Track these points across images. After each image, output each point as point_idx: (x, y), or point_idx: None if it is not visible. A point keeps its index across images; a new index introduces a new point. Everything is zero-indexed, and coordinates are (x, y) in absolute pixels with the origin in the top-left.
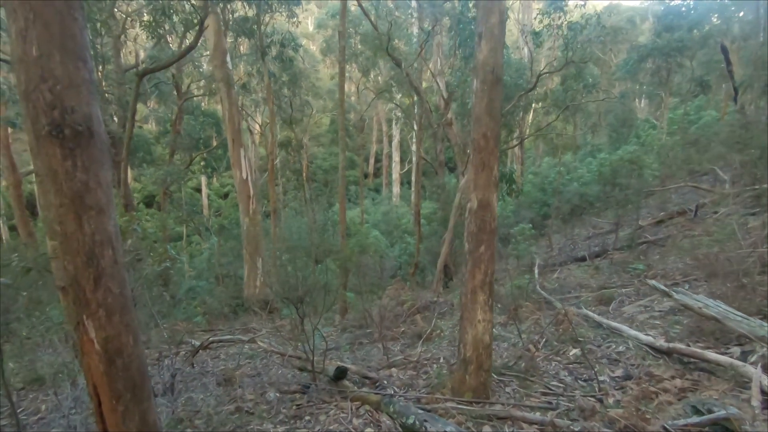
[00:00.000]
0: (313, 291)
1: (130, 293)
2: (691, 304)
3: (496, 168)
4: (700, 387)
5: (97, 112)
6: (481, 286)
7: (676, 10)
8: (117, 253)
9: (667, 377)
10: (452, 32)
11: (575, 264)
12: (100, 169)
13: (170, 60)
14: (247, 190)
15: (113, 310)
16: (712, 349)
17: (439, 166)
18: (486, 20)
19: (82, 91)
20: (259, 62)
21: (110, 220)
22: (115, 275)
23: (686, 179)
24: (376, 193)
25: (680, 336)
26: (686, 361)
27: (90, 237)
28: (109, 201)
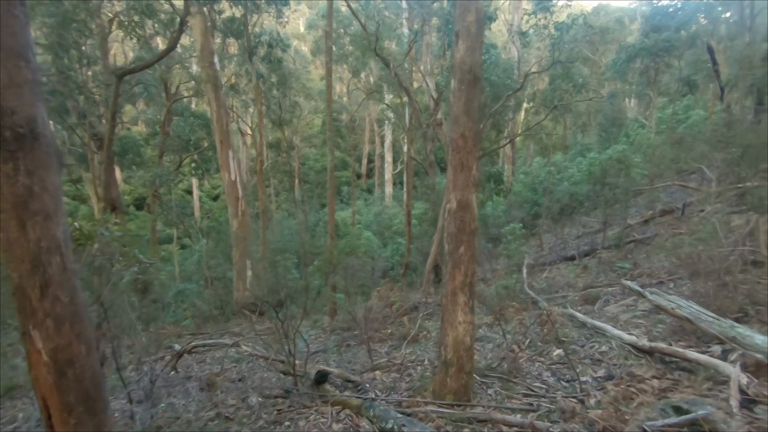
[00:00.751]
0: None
1: (83, 301)
2: (664, 304)
3: (475, 168)
4: (680, 386)
5: (42, 114)
6: (462, 288)
7: (663, 11)
8: (66, 260)
9: (648, 377)
10: (441, 32)
11: (564, 263)
12: (46, 172)
13: (148, 61)
14: (236, 191)
15: (62, 319)
16: (694, 348)
17: (429, 167)
18: (462, 19)
19: (23, 92)
20: (247, 63)
21: (58, 226)
22: (64, 283)
23: (674, 178)
24: (368, 194)
25: (663, 335)
26: (668, 360)
27: (35, 244)
28: (58, 206)
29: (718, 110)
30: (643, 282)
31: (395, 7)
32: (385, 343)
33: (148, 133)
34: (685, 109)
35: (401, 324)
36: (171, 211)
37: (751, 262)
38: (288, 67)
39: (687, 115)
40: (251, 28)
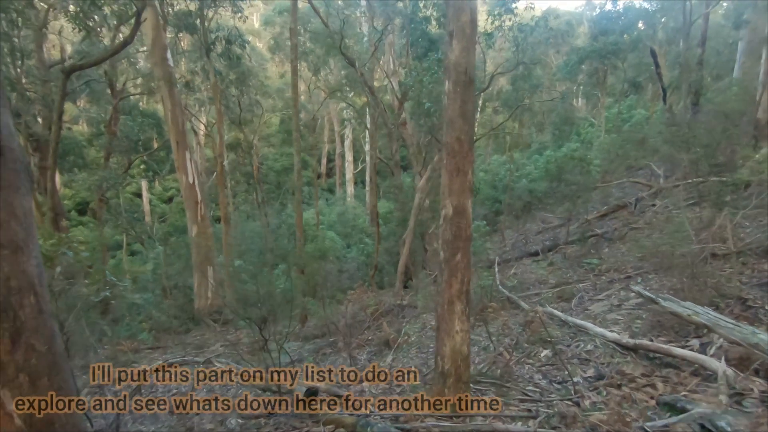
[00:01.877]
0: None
1: (61, 346)
2: (679, 311)
3: (471, 173)
4: (669, 383)
5: (8, 123)
6: (458, 296)
7: (609, 16)
8: (42, 300)
9: (637, 375)
10: (404, 32)
11: (529, 259)
12: (15, 195)
13: (102, 56)
14: (195, 195)
15: (39, 373)
16: (674, 342)
17: (395, 166)
18: (457, 19)
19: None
20: (204, 59)
21: (31, 259)
22: (39, 328)
23: (624, 174)
24: (329, 194)
25: (642, 331)
26: (652, 356)
27: (4, 283)
28: (30, 235)
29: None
30: (612, 277)
31: (355, 6)
32: (364, 349)
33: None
34: (629, 109)
35: (378, 328)
36: (120, 216)
37: (712, 255)
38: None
39: (630, 115)
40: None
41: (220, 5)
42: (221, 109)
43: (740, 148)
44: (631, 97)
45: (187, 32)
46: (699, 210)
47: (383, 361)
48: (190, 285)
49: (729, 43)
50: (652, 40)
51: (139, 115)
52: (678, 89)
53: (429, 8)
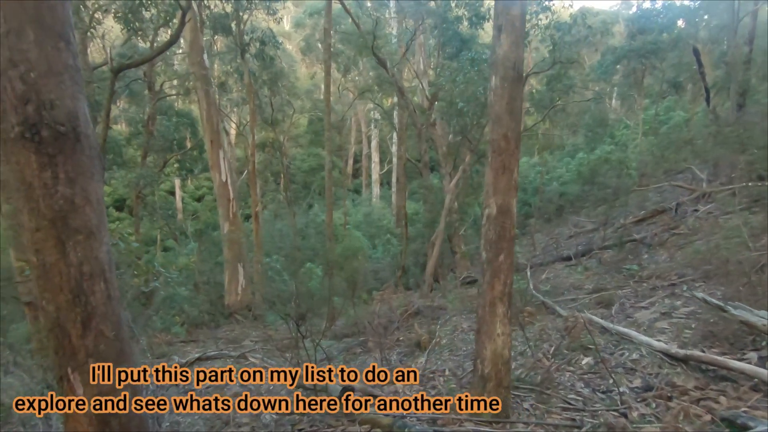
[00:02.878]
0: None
1: (127, 334)
2: (753, 321)
3: (516, 171)
4: (727, 397)
5: (84, 109)
6: (501, 298)
7: (647, 14)
8: (111, 287)
9: (690, 387)
10: (435, 32)
11: (561, 263)
12: (90, 180)
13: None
14: (227, 193)
15: (107, 359)
16: (728, 354)
17: (423, 167)
18: (506, 12)
19: (64, 81)
20: (238, 60)
21: (102, 246)
22: (108, 315)
23: (662, 178)
24: (356, 194)
25: (693, 341)
26: (705, 368)
27: (77, 269)
28: (101, 221)
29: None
30: (654, 284)
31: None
32: (394, 350)
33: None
34: (666, 111)
35: (408, 329)
36: (155, 212)
37: None
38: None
39: (668, 116)
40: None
41: (255, 7)
42: (254, 109)
43: None
44: (669, 99)
45: (223, 34)
46: (751, 216)
47: (416, 362)
48: (220, 281)
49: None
50: (694, 38)
51: (174, 115)
52: (722, 90)
53: (461, 8)
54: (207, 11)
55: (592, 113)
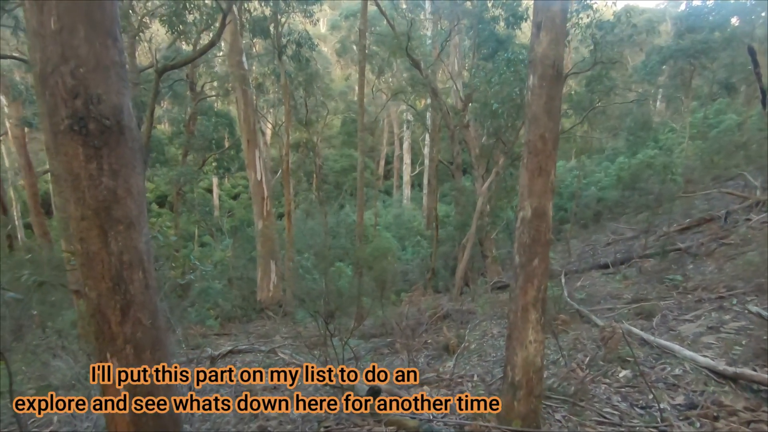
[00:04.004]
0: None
1: (163, 324)
2: None
3: (554, 173)
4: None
5: (128, 104)
6: (534, 304)
7: (698, 12)
8: (149, 276)
9: (740, 408)
10: (470, 33)
11: (598, 271)
12: (131, 173)
13: (191, 56)
14: (262, 191)
15: (143, 346)
16: None
17: (456, 169)
18: (547, 8)
19: (110, 76)
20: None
21: (141, 236)
22: (146, 303)
23: (711, 185)
24: (386, 196)
25: (743, 358)
26: (757, 388)
27: (117, 258)
28: (141, 212)
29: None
30: (700, 296)
31: (418, 8)
32: (422, 352)
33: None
34: (717, 113)
35: (436, 332)
36: (194, 209)
37: None
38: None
39: (719, 120)
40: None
41: (292, 10)
42: (290, 110)
43: None
44: (720, 101)
45: (261, 36)
46: None
47: (444, 366)
48: (253, 277)
49: None
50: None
51: (213, 115)
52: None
53: (498, 8)
54: (247, 14)
55: (634, 116)
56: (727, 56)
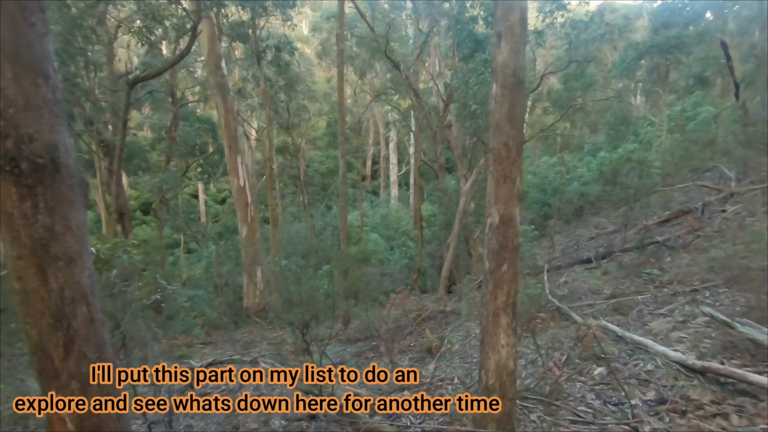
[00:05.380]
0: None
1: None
2: (760, 338)
3: (519, 179)
4: (744, 414)
5: (65, 140)
6: (504, 308)
7: (672, 7)
8: (93, 310)
9: (706, 402)
10: (450, 33)
11: (581, 266)
12: (69, 209)
13: (162, 68)
14: (245, 197)
15: (89, 379)
16: (749, 367)
17: (439, 169)
18: (506, 18)
19: (43, 115)
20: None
21: (84, 271)
22: (90, 337)
23: (688, 177)
24: (373, 196)
25: (712, 352)
26: (723, 381)
27: (58, 294)
28: (83, 247)
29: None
30: (675, 290)
31: (398, 8)
32: (406, 355)
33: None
34: (694, 106)
35: (420, 334)
36: (178, 216)
37: None
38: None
39: (696, 113)
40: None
41: (271, 14)
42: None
43: None
44: (696, 94)
45: (240, 41)
46: None
47: (426, 369)
48: (239, 283)
49: None
50: (721, 31)
51: (196, 121)
52: (752, 84)
53: (476, 8)
54: (224, 20)
55: (614, 111)
56: (701, 50)
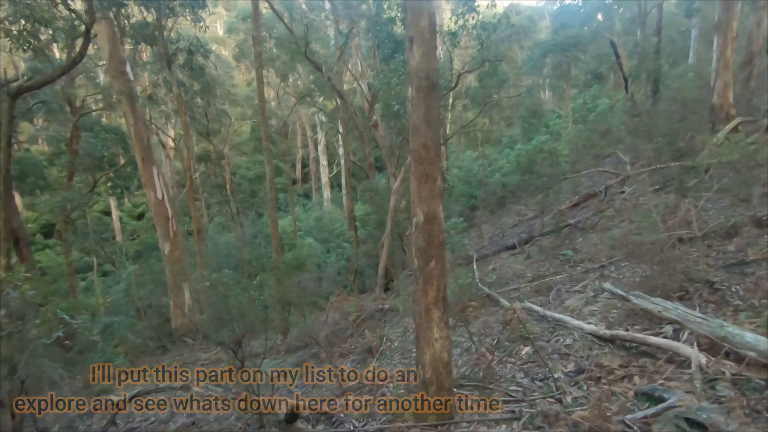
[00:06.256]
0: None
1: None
2: (650, 308)
3: (440, 178)
4: (646, 372)
5: None
6: (435, 303)
7: (569, 9)
8: None
9: (615, 366)
10: (369, 34)
11: (507, 253)
12: None
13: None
14: (165, 211)
15: None
16: (648, 330)
17: (369, 168)
18: (415, 24)
19: None
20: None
21: None
22: None
23: (592, 164)
24: (306, 199)
25: (618, 320)
26: (629, 346)
27: None
28: None
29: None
30: (587, 267)
31: (319, 9)
32: (347, 358)
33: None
34: (593, 99)
35: (361, 335)
36: (88, 236)
37: (678, 240)
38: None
39: (595, 104)
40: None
41: (179, 15)
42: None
43: (699, 133)
44: (594, 88)
45: (147, 44)
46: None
47: (366, 369)
48: (165, 304)
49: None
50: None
51: (102, 131)
52: (638, 78)
53: (393, 9)
54: (126, 21)
55: (526, 105)
56: (595, 48)
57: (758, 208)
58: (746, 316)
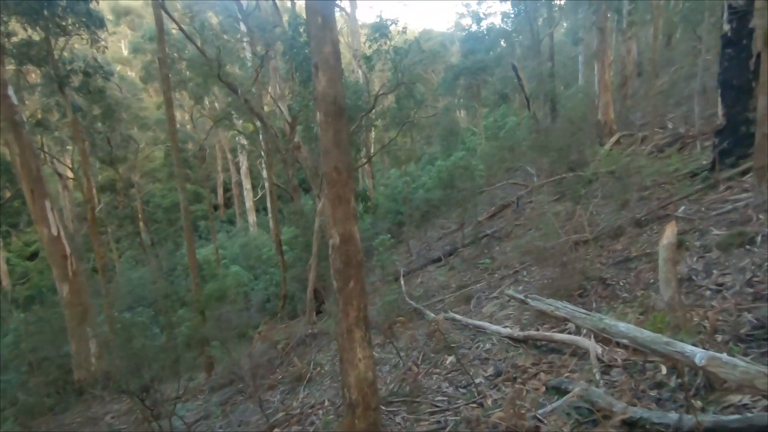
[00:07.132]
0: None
1: None
2: (544, 308)
3: (353, 200)
4: (554, 368)
5: None
6: (356, 323)
7: (475, 36)
8: None
9: (528, 365)
10: (287, 56)
11: (433, 266)
12: None
13: None
14: (62, 248)
15: None
16: (555, 328)
17: (293, 191)
18: (319, 51)
19: None
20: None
21: None
22: None
23: (504, 177)
24: (230, 225)
25: (530, 321)
26: (540, 345)
27: None
28: None
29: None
30: (503, 274)
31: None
32: (277, 389)
33: None
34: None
35: (291, 363)
36: None
37: (575, 244)
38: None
39: (504, 122)
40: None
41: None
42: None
43: (588, 147)
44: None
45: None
46: (563, 204)
47: (295, 398)
48: (66, 353)
49: (572, 56)
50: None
51: None
52: (538, 98)
53: None
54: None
55: (443, 124)
56: (501, 71)
57: (636, 210)
58: (630, 306)
